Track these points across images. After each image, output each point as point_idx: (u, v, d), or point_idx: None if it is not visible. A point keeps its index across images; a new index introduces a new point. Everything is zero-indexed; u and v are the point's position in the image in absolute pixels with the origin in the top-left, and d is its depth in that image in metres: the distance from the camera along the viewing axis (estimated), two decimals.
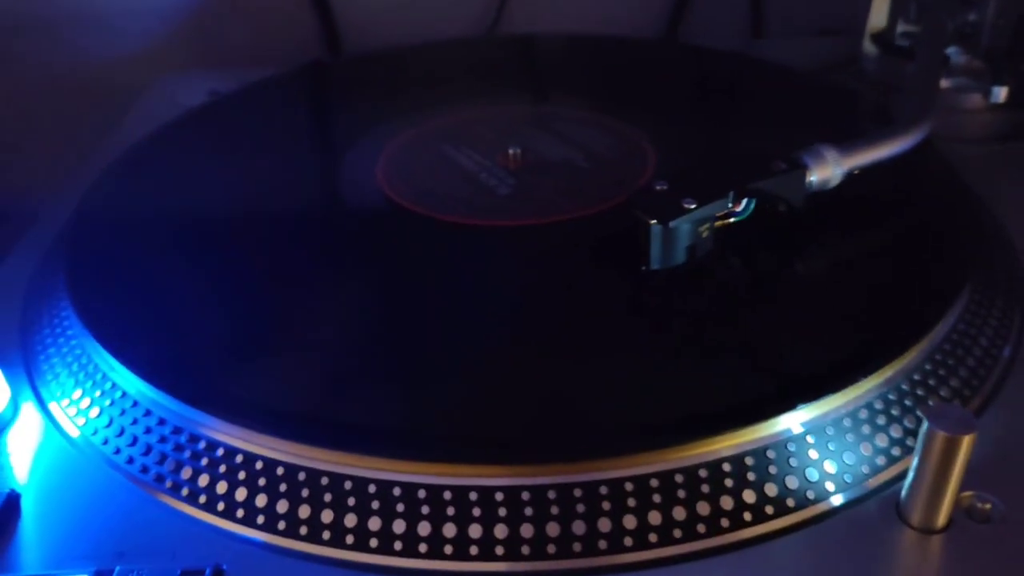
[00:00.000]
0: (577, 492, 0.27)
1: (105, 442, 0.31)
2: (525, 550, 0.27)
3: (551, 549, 0.27)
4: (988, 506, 0.27)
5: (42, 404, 0.34)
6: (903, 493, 0.27)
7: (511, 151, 0.44)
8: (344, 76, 0.59)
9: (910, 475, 0.27)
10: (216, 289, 0.36)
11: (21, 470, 0.31)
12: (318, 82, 0.59)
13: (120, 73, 0.66)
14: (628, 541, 0.27)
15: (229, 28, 0.67)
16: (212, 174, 0.45)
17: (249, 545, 0.28)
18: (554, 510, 0.27)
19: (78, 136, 0.55)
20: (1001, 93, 0.47)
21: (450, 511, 0.27)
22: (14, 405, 0.33)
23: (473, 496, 0.27)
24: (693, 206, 0.33)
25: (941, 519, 0.27)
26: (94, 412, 0.32)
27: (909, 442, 0.29)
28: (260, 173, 0.45)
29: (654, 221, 0.33)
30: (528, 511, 0.27)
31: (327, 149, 0.49)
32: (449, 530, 0.27)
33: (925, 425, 0.25)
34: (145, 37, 0.66)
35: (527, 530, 0.27)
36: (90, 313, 0.34)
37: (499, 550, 0.27)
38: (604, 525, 0.27)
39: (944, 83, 0.47)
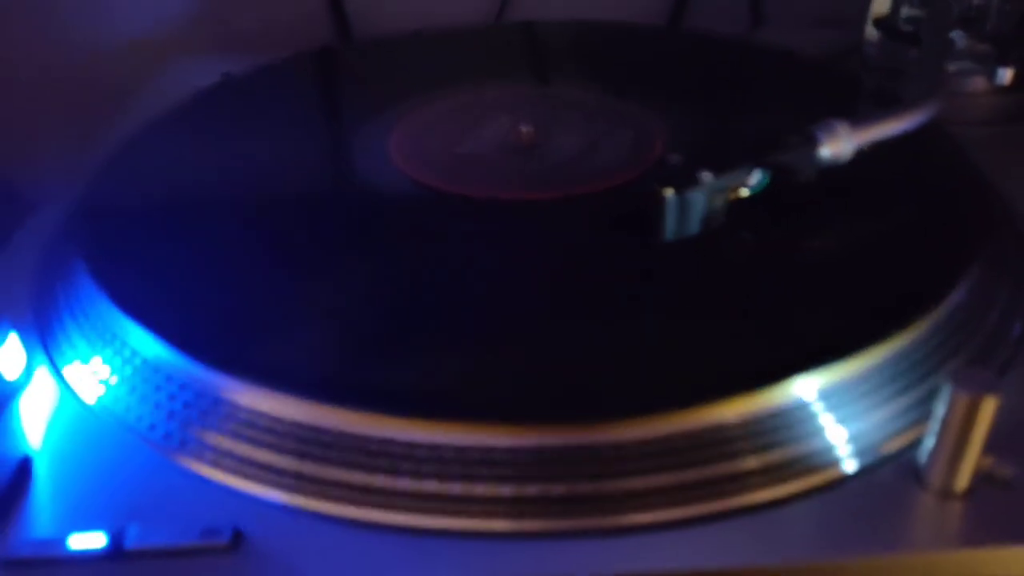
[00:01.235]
0: (582, 455, 0.27)
1: (124, 408, 0.31)
2: (533, 509, 0.27)
3: (557, 510, 0.27)
4: (1008, 472, 0.27)
5: (56, 370, 0.33)
6: (922, 457, 0.27)
7: (523, 129, 0.44)
8: (355, 61, 0.59)
9: (930, 438, 0.27)
10: (236, 255, 0.37)
11: (35, 436, 0.30)
12: (329, 66, 0.58)
13: (133, 57, 0.65)
14: (635, 504, 0.27)
15: (240, 14, 0.66)
16: (228, 150, 0.45)
17: (269, 508, 0.27)
18: (559, 470, 0.27)
19: (90, 118, 0.55)
20: (1006, 75, 0.47)
21: (481, 471, 0.27)
22: (28, 371, 0.33)
23: (501, 456, 0.27)
24: (707, 178, 0.34)
25: (961, 483, 0.27)
26: (111, 377, 0.32)
27: (924, 409, 0.29)
28: (275, 148, 0.45)
29: (669, 191, 0.33)
30: (536, 471, 0.27)
31: (340, 128, 0.50)
32: (479, 489, 0.27)
33: (947, 386, 0.25)
34: (157, 22, 0.66)
35: (533, 489, 0.27)
36: (107, 276, 0.34)
37: (518, 509, 0.27)
38: (612, 487, 0.27)
39: (948, 66, 0.48)
